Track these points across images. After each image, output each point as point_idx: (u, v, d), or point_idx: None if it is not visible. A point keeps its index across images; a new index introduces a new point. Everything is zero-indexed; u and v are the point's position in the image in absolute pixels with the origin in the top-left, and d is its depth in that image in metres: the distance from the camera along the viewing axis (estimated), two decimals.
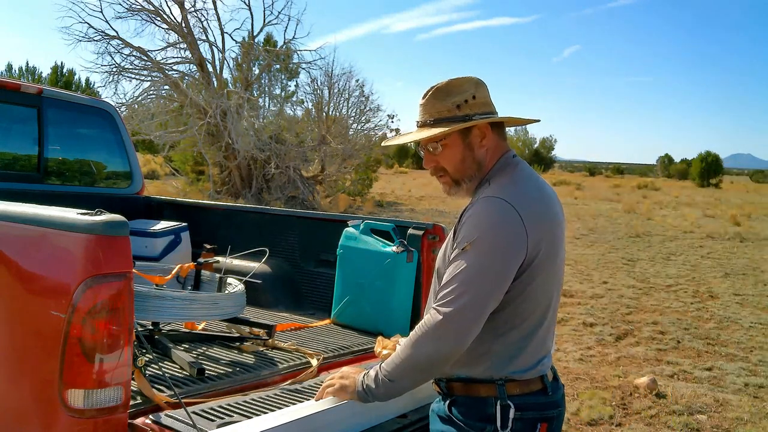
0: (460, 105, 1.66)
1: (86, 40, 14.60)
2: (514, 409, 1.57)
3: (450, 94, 1.67)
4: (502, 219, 1.54)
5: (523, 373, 1.61)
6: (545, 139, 59.30)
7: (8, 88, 3.53)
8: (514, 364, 1.60)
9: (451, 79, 1.69)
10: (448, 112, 1.66)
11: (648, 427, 3.96)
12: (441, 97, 1.67)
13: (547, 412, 1.64)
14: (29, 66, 42.55)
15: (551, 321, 1.69)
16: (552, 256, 1.62)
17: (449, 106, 1.66)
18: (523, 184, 1.65)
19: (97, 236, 1.56)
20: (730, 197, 32.89)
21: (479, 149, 1.68)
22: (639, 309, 7.24)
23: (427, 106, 1.69)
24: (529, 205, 1.58)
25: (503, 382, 1.59)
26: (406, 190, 27.01)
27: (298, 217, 3.45)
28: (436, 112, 1.67)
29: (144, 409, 1.77)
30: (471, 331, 1.52)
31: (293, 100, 20.07)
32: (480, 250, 1.52)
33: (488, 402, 1.59)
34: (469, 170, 1.69)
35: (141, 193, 4.20)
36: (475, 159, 1.69)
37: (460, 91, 1.67)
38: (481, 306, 1.52)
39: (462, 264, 1.53)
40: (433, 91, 1.69)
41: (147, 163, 26.53)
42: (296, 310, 3.23)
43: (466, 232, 1.56)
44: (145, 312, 2.14)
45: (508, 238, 1.54)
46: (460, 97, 1.66)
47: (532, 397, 1.62)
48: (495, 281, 1.53)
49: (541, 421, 1.62)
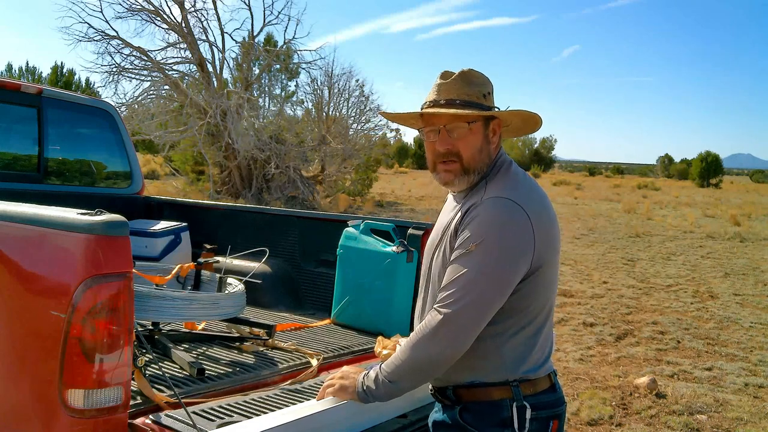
0: (486, 95, 1.65)
1: (86, 40, 14.64)
2: (530, 409, 1.56)
3: (475, 83, 1.65)
4: (511, 220, 1.53)
5: (535, 371, 1.61)
6: (545, 139, 59.34)
7: (8, 88, 3.53)
8: (527, 363, 1.59)
9: (471, 69, 1.67)
10: (476, 98, 1.63)
11: (648, 427, 3.96)
12: (468, 82, 1.64)
13: (557, 409, 1.64)
14: (29, 66, 42.53)
15: (551, 318, 1.70)
16: (555, 255, 1.63)
17: (477, 92, 1.63)
18: (524, 185, 1.64)
19: (97, 236, 1.56)
20: (730, 197, 32.88)
21: (491, 144, 1.67)
22: (639, 309, 7.24)
23: (455, 87, 1.63)
24: (534, 206, 1.57)
25: (518, 383, 1.58)
26: (406, 190, 27.00)
27: (298, 217, 3.45)
28: (465, 94, 1.63)
29: (144, 409, 1.77)
30: (471, 334, 1.51)
31: (293, 100, 20.11)
32: (486, 253, 1.50)
33: (503, 405, 1.57)
34: (482, 162, 1.66)
35: (141, 193, 4.20)
36: (488, 152, 1.67)
37: (483, 82, 1.66)
38: (482, 309, 1.51)
39: (466, 266, 1.51)
40: (460, 74, 1.65)
41: (147, 163, 26.54)
42: (296, 310, 3.23)
43: (472, 233, 1.53)
44: (145, 312, 2.14)
45: (517, 241, 1.53)
46: (485, 88, 1.65)
47: (544, 396, 1.62)
48: (498, 285, 1.52)
49: (553, 419, 1.62)
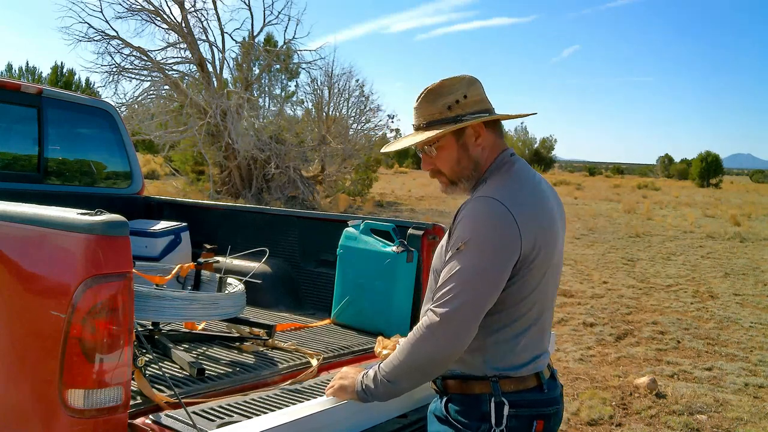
0: (450, 106, 1.65)
1: (86, 40, 14.64)
2: (508, 406, 1.57)
3: (441, 96, 1.66)
4: (494, 219, 1.54)
5: (517, 370, 1.61)
6: (545, 139, 59.26)
7: (8, 88, 3.53)
8: (508, 360, 1.60)
9: (443, 79, 1.69)
10: (439, 114, 1.66)
11: (648, 427, 3.96)
12: (432, 100, 1.67)
13: (543, 409, 1.63)
14: (29, 66, 42.54)
15: (547, 319, 1.69)
16: (547, 256, 1.61)
17: (440, 108, 1.66)
18: (518, 184, 1.64)
19: (97, 236, 1.56)
20: (730, 197, 32.89)
21: (475, 148, 1.68)
22: (639, 309, 7.24)
23: (420, 109, 1.69)
24: (522, 205, 1.57)
25: (497, 378, 1.59)
26: (406, 190, 27.01)
27: (298, 217, 3.45)
28: (428, 114, 1.67)
29: (144, 409, 1.77)
30: (469, 332, 1.52)
31: (293, 100, 20.11)
32: (474, 251, 1.52)
33: (482, 399, 1.59)
34: (466, 170, 1.69)
35: (141, 193, 4.21)
36: (471, 159, 1.68)
37: (450, 91, 1.66)
38: (477, 306, 1.52)
39: (457, 265, 1.53)
40: (424, 94, 1.69)
41: (147, 163, 26.53)
42: (296, 310, 3.23)
43: (459, 233, 1.56)
44: (145, 312, 2.14)
45: (502, 238, 1.54)
46: (450, 98, 1.65)
47: (528, 394, 1.61)
48: (490, 281, 1.53)
49: (537, 419, 1.61)
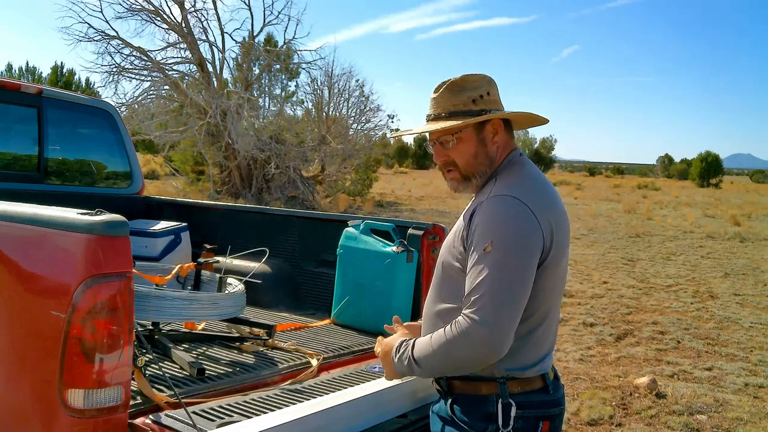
0: (475, 99, 1.66)
1: (86, 40, 14.64)
2: (515, 407, 1.57)
3: (465, 89, 1.67)
4: (517, 217, 1.54)
5: (524, 370, 1.61)
6: (545, 139, 59.29)
7: (8, 88, 3.53)
8: (515, 361, 1.59)
9: (465, 74, 1.69)
10: (463, 106, 1.66)
11: (648, 427, 3.96)
12: (456, 91, 1.67)
13: (549, 410, 1.63)
14: (29, 66, 42.50)
15: (553, 320, 1.69)
16: (558, 257, 1.61)
17: (464, 99, 1.66)
18: (531, 183, 1.64)
19: (97, 236, 1.56)
20: (730, 197, 32.89)
21: (492, 145, 1.69)
22: (639, 309, 7.24)
23: (441, 100, 1.69)
24: (539, 204, 1.57)
25: (504, 380, 1.59)
26: (406, 190, 27.01)
27: (298, 217, 3.45)
28: (451, 105, 1.67)
29: (144, 409, 1.77)
30: (510, 332, 1.49)
31: (293, 100, 20.11)
32: (501, 251, 1.50)
33: (489, 400, 1.59)
34: (481, 166, 1.69)
35: (141, 193, 4.20)
36: (487, 155, 1.69)
37: (475, 86, 1.67)
38: (514, 305, 1.50)
39: (486, 266, 1.50)
40: (448, 85, 1.69)
41: (147, 163, 26.53)
42: (296, 310, 3.23)
43: (482, 233, 1.54)
44: (145, 312, 2.14)
45: (526, 235, 1.53)
46: (475, 92, 1.67)
47: (534, 395, 1.61)
48: (522, 278, 1.52)
49: (543, 420, 1.61)
